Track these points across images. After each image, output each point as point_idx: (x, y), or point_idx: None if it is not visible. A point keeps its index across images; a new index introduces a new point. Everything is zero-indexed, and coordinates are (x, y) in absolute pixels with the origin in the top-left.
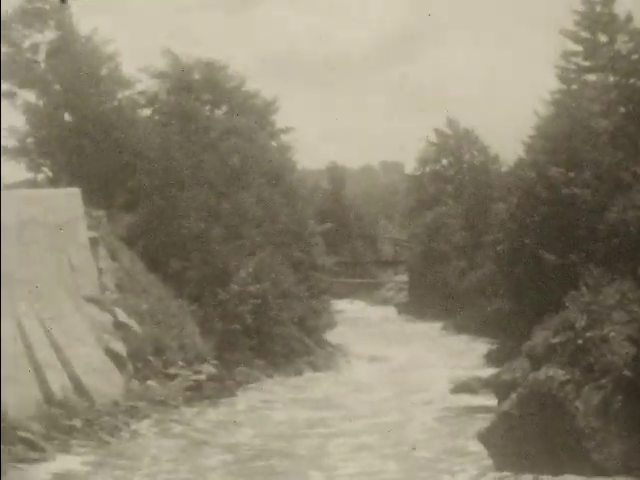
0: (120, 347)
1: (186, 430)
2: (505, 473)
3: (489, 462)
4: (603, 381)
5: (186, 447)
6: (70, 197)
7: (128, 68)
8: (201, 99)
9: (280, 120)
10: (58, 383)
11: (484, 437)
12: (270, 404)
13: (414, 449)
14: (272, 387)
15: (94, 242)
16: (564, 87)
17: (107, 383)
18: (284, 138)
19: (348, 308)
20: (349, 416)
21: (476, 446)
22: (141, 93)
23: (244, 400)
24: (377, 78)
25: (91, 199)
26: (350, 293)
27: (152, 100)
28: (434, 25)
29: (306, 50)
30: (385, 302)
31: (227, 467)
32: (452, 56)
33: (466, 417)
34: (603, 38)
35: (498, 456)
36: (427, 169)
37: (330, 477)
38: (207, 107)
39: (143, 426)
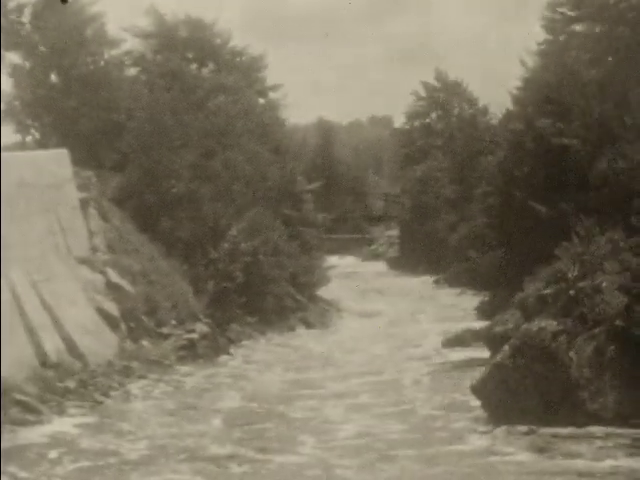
0: (113, 307)
1: (177, 391)
2: (499, 425)
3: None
4: (596, 331)
5: (176, 410)
6: (58, 158)
7: (113, 28)
8: (187, 57)
9: (269, 76)
10: (51, 345)
11: (477, 389)
12: (262, 363)
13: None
14: (265, 344)
15: (84, 203)
16: (551, 38)
17: (100, 344)
18: (273, 95)
19: (340, 264)
20: (343, 374)
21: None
22: (127, 53)
23: (237, 358)
24: (365, 31)
25: (80, 160)
26: (341, 249)
27: (138, 60)
28: None
29: (293, 3)
30: (376, 257)
31: (216, 431)
32: (440, 8)
33: (459, 370)
34: None
35: (492, 408)
36: (416, 123)
37: (325, 441)
38: (194, 65)
39: (137, 386)
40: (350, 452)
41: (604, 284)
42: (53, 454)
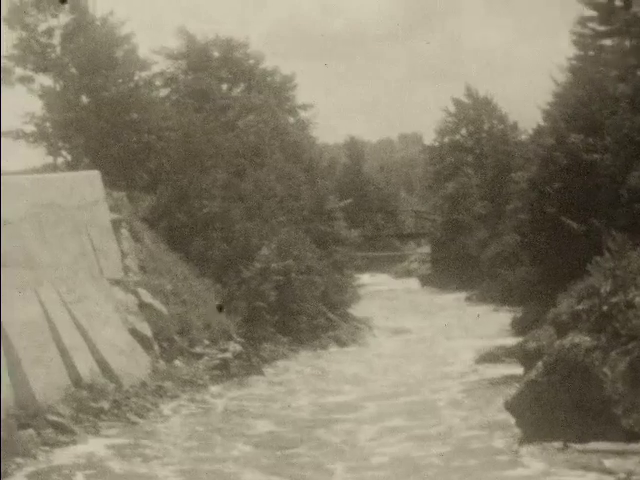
0: (145, 328)
1: (208, 413)
2: (533, 442)
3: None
4: (629, 346)
5: (206, 433)
6: (90, 179)
7: (143, 49)
8: (219, 77)
9: (298, 96)
10: (85, 366)
11: (511, 407)
12: (294, 383)
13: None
14: (297, 364)
15: (116, 224)
16: (581, 53)
17: (134, 364)
18: (303, 114)
19: (371, 281)
20: (377, 394)
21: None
22: (158, 74)
23: (269, 378)
24: (393, 50)
25: (111, 181)
26: (373, 266)
27: (170, 80)
28: None
29: (321, 24)
30: (408, 274)
31: (247, 456)
32: (468, 25)
33: (493, 388)
34: (618, 2)
35: (526, 425)
36: (446, 139)
37: (358, 469)
38: (225, 85)
39: (170, 407)
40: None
41: (637, 299)
42: (79, 477)
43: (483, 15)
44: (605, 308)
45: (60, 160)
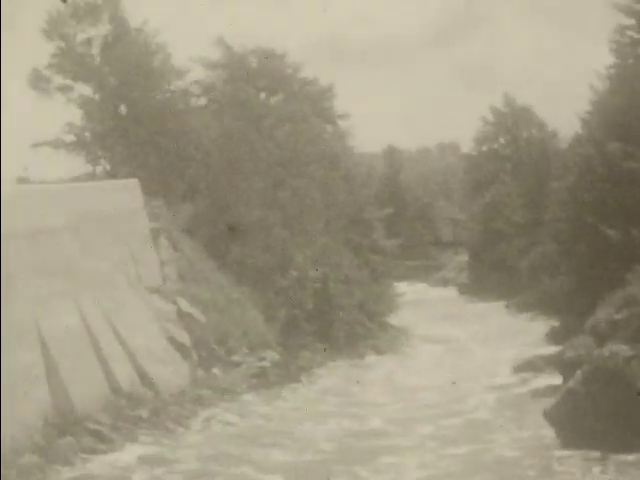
0: (184, 336)
1: (247, 422)
2: (572, 451)
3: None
4: None
5: (245, 443)
6: (129, 188)
7: (180, 57)
8: (257, 87)
9: (336, 105)
10: (124, 374)
11: (550, 416)
12: (331, 393)
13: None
14: (335, 372)
15: (155, 232)
16: (619, 61)
17: (172, 373)
18: (341, 124)
19: (409, 290)
20: (416, 406)
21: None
22: (195, 82)
23: (308, 388)
24: (430, 59)
25: (150, 190)
26: (411, 275)
27: (208, 89)
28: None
29: (358, 33)
30: (446, 283)
31: (289, 467)
32: (505, 33)
33: (534, 397)
34: None
35: (565, 434)
36: (484, 148)
37: None
38: (263, 95)
39: (209, 415)
40: None
41: None
42: None
43: (521, 23)
44: None
45: (99, 169)
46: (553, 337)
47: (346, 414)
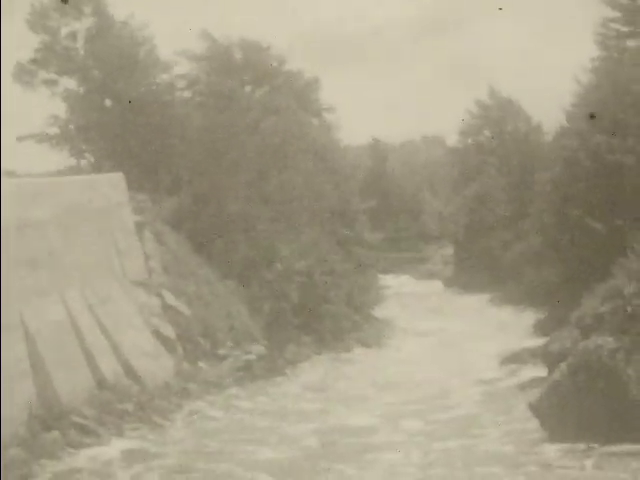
0: (169, 330)
1: (232, 416)
2: (558, 443)
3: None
4: None
5: (230, 439)
6: (114, 182)
7: (165, 51)
8: (242, 80)
9: (321, 98)
10: (109, 367)
11: (536, 408)
12: (315, 391)
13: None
14: (321, 366)
15: (140, 226)
16: (604, 54)
17: (157, 366)
18: (326, 117)
19: (395, 283)
20: (402, 400)
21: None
22: (180, 76)
23: (293, 381)
24: (415, 52)
25: (135, 183)
26: (396, 268)
27: (192, 82)
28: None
29: (343, 26)
30: (431, 276)
31: (274, 464)
32: (490, 27)
33: (520, 390)
34: None
35: (550, 426)
36: (469, 141)
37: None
38: (248, 87)
39: (195, 408)
40: None
41: None
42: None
43: (505, 16)
44: (629, 309)
45: (83, 162)
46: (539, 329)
47: (332, 409)
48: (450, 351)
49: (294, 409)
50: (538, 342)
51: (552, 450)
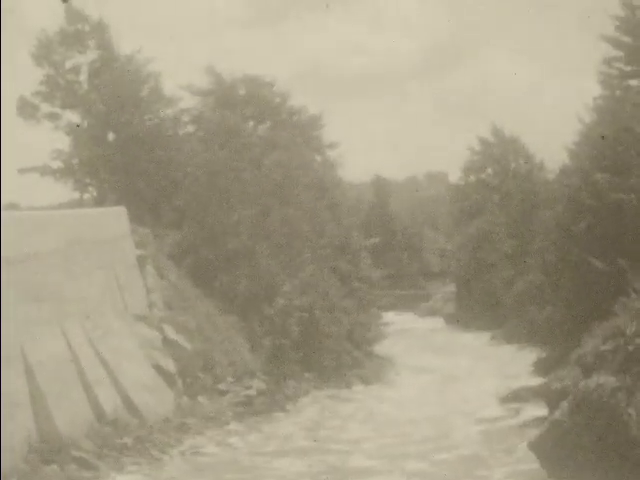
0: (169, 364)
1: (230, 454)
2: None
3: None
4: None
5: (225, 477)
6: (116, 215)
7: (170, 87)
8: (245, 115)
9: (324, 134)
10: (109, 401)
11: (535, 447)
12: (315, 426)
13: None
14: (321, 402)
15: (142, 260)
16: (607, 93)
17: (157, 400)
18: (329, 153)
19: (396, 320)
20: (402, 440)
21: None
22: (184, 110)
23: (293, 418)
24: (419, 88)
25: (137, 217)
26: (398, 305)
27: (196, 117)
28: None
29: (346, 63)
30: (433, 313)
31: None
32: (493, 64)
33: (520, 429)
34: None
35: (550, 465)
36: (472, 178)
37: None
38: (251, 123)
39: (193, 444)
40: None
41: None
42: None
43: (509, 54)
44: (631, 348)
45: (86, 196)
46: (539, 368)
47: (329, 448)
48: (451, 389)
49: (291, 448)
50: (539, 380)
51: None
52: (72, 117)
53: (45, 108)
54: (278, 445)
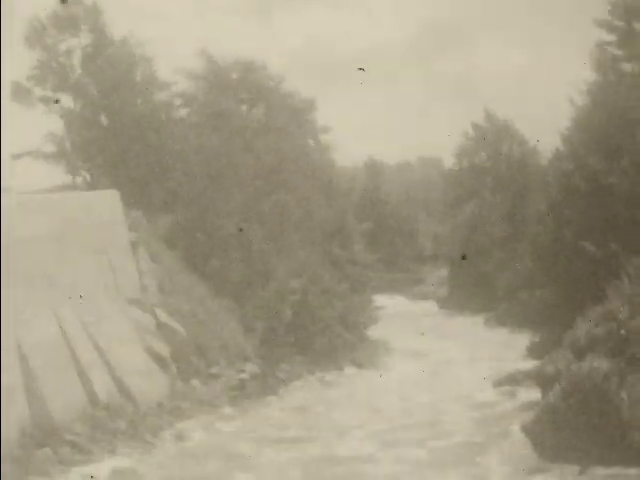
0: (163, 348)
1: (221, 438)
2: (550, 465)
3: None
4: None
5: (216, 464)
6: (109, 199)
7: (164, 71)
8: (238, 99)
9: (317, 118)
10: (102, 385)
11: (528, 430)
12: (308, 410)
13: None
14: (313, 385)
15: (134, 244)
16: (600, 77)
17: (151, 384)
18: (322, 137)
19: (389, 303)
20: (395, 426)
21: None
22: (178, 95)
23: (285, 401)
24: (411, 74)
25: (130, 201)
26: (390, 288)
27: (189, 101)
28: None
29: (339, 47)
30: (426, 297)
31: None
32: (487, 49)
33: (515, 413)
34: (638, 26)
35: (543, 448)
36: (465, 163)
37: None
38: (244, 107)
39: (185, 428)
40: None
41: None
42: None
43: (502, 38)
44: (623, 332)
45: (79, 179)
46: (533, 351)
47: (321, 435)
48: (444, 373)
49: (283, 435)
50: (532, 364)
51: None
52: (65, 100)
53: (38, 91)
54: (269, 431)
